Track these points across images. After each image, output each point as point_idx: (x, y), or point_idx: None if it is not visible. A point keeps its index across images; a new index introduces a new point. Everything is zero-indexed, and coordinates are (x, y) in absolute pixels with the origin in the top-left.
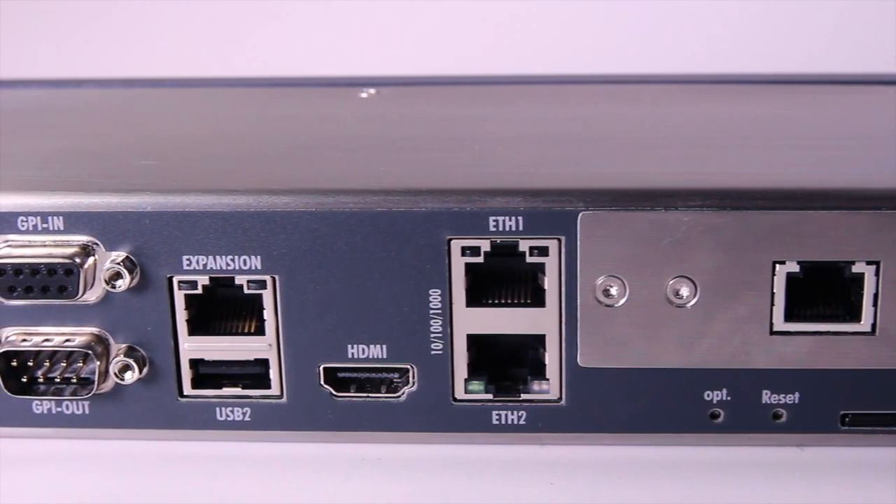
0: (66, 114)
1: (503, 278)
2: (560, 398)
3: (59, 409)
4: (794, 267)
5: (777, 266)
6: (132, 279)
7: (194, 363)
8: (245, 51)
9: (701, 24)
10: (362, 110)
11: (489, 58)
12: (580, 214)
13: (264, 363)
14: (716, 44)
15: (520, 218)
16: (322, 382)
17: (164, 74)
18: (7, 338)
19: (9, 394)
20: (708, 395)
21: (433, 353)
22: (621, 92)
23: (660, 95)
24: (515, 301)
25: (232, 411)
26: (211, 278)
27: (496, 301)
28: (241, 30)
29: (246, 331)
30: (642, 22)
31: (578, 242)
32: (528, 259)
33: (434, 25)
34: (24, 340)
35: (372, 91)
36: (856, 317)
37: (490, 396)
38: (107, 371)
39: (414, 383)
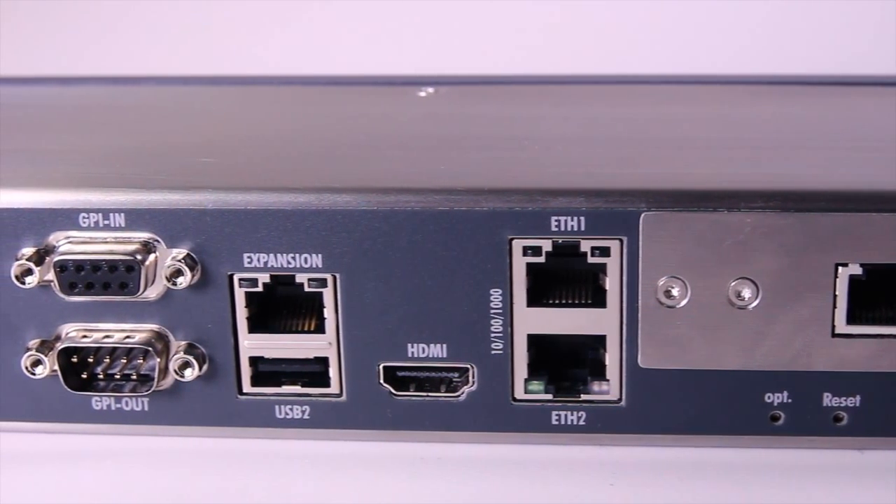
0: (125, 111)
1: (564, 278)
2: (620, 399)
3: (118, 406)
4: (856, 269)
5: (839, 268)
6: (193, 276)
7: (254, 361)
8: (304, 48)
9: (752, 25)
10: (421, 109)
11: (547, 57)
12: (642, 215)
13: (324, 361)
14: (771, 44)
15: (582, 218)
16: (381, 381)
17: (222, 72)
18: (67, 334)
19: (69, 390)
20: (769, 398)
21: (493, 352)
22: (681, 93)
23: (719, 96)
24: (576, 301)
25: (291, 409)
26: (272, 276)
27: (557, 301)
28: (300, 27)
29: (305, 329)
30: (696, 23)
31: (640, 243)
32: (590, 259)
33: (492, 24)
34: (85, 337)
35: (430, 90)
36: None
37: (550, 397)
38: (166, 368)
39: (474, 383)
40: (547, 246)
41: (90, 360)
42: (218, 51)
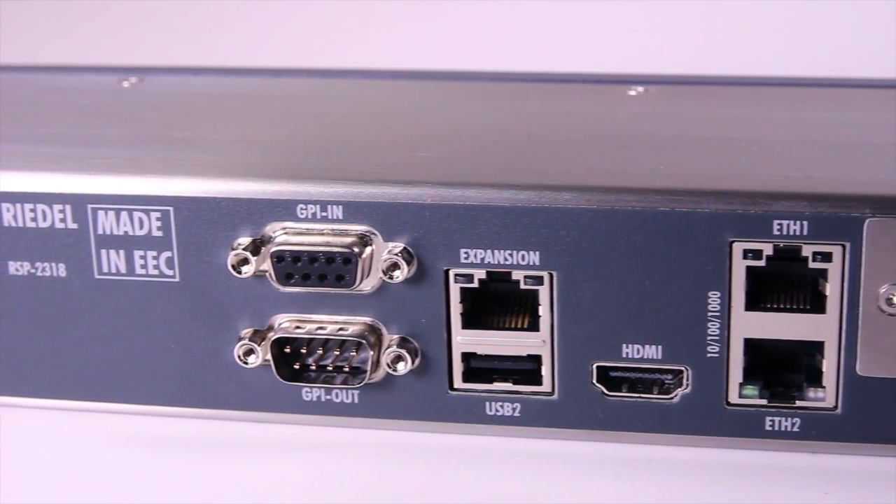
0: (333, 103)
1: (783, 283)
2: (836, 406)
3: (328, 398)
4: None
5: None
6: (409, 270)
7: (466, 357)
8: (514, 45)
9: None
10: (632, 108)
11: (757, 58)
12: (867, 221)
13: (536, 359)
14: None
15: (804, 222)
16: (594, 381)
17: (432, 67)
18: (280, 324)
19: (280, 380)
20: None
21: (709, 355)
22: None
23: None
24: (795, 306)
25: (502, 406)
26: (488, 272)
27: (775, 306)
28: (511, 25)
29: (518, 326)
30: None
31: (864, 249)
32: (811, 264)
33: (702, 24)
34: (298, 328)
35: (640, 89)
36: None
37: (764, 402)
38: (378, 361)
39: (688, 385)
40: (768, 250)
41: (303, 350)
42: (435, 47)
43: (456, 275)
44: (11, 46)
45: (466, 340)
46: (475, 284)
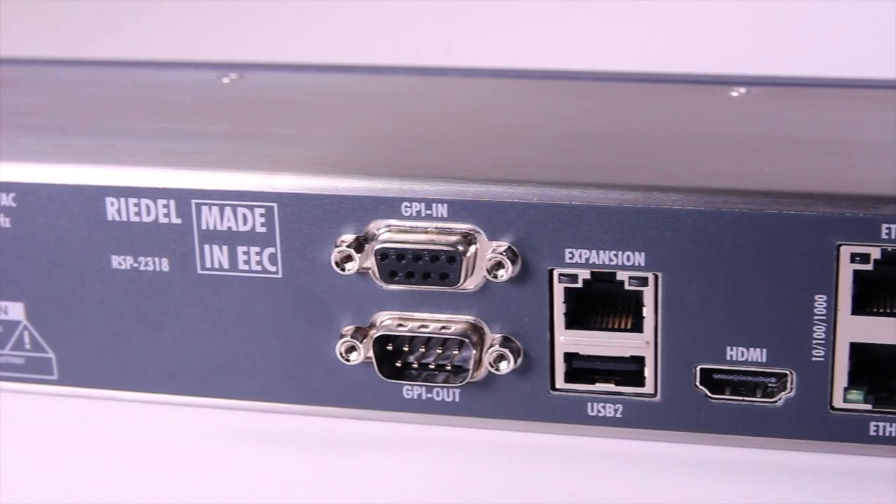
0: (436, 100)
1: (890, 287)
2: None
3: (429, 396)
4: None
5: None
6: (513, 269)
7: (568, 357)
8: (624, 45)
9: None
10: (736, 109)
11: (861, 60)
12: None
13: (639, 360)
14: None
15: None
16: (697, 383)
17: (535, 66)
18: (382, 322)
19: (382, 378)
20: None
21: (814, 359)
22: None
23: None
24: None
25: (603, 407)
26: (592, 272)
27: (882, 310)
28: (611, 25)
29: (621, 327)
30: None
31: None
32: None
33: (802, 23)
34: (400, 325)
35: (742, 90)
36: None
37: (869, 407)
38: (480, 360)
39: (792, 389)
40: (876, 254)
41: (405, 348)
42: (527, 45)
43: (560, 275)
44: (114, 42)
45: (569, 340)
46: (579, 285)
